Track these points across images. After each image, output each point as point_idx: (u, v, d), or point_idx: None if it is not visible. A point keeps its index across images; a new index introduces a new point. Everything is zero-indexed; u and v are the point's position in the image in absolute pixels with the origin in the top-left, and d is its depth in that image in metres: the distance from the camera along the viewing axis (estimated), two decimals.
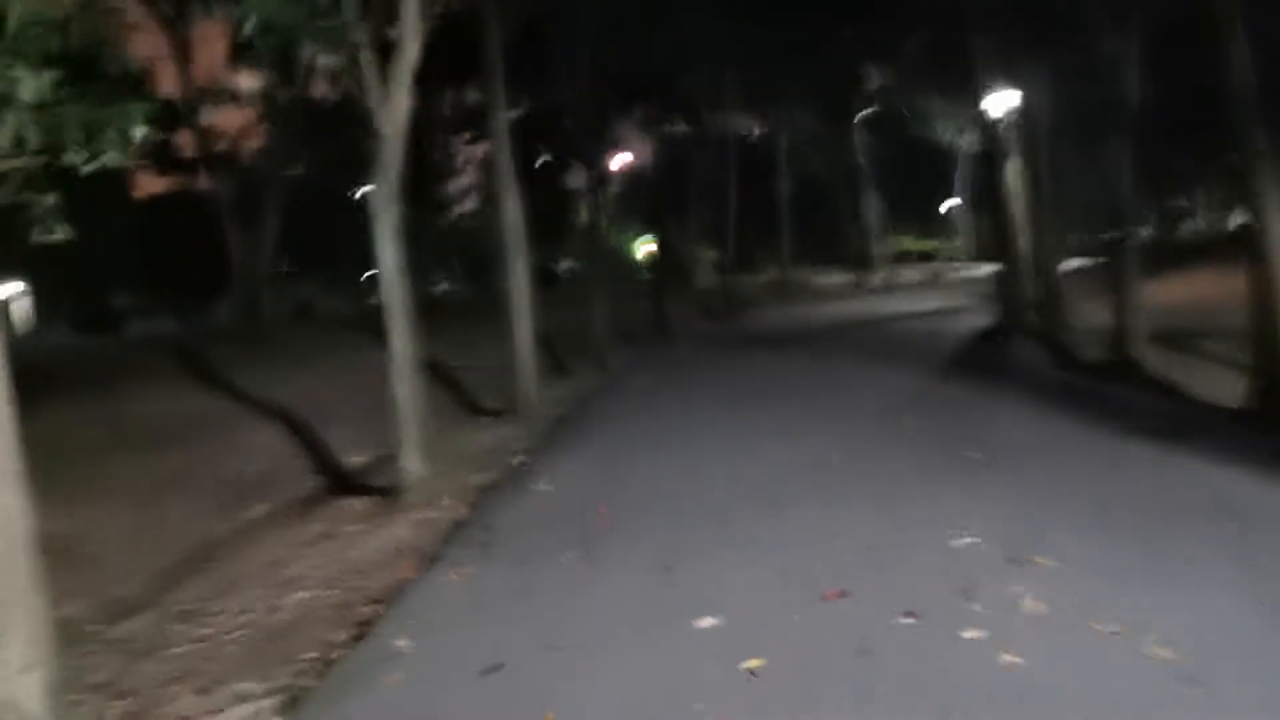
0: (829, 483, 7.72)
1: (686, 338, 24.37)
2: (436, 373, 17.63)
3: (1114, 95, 13.47)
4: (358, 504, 9.57)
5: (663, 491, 8.07)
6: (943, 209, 57.92)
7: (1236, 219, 61.04)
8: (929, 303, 28.90)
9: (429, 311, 31.68)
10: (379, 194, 9.28)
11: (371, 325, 21.85)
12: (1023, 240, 21.66)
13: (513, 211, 14.04)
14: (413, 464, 9.26)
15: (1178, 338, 16.04)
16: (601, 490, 8.46)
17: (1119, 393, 11.12)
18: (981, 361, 15.35)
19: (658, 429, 11.25)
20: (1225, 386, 11.22)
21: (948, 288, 37.84)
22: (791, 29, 32.83)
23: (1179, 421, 9.10)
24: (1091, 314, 18.77)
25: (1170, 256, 33.81)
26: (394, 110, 9.30)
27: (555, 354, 20.68)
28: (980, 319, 22.66)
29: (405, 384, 9.32)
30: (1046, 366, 14.22)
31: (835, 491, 7.43)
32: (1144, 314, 13.24)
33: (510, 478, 9.66)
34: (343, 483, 10.82)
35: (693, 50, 30.55)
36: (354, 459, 12.06)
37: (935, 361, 15.32)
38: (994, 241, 29.99)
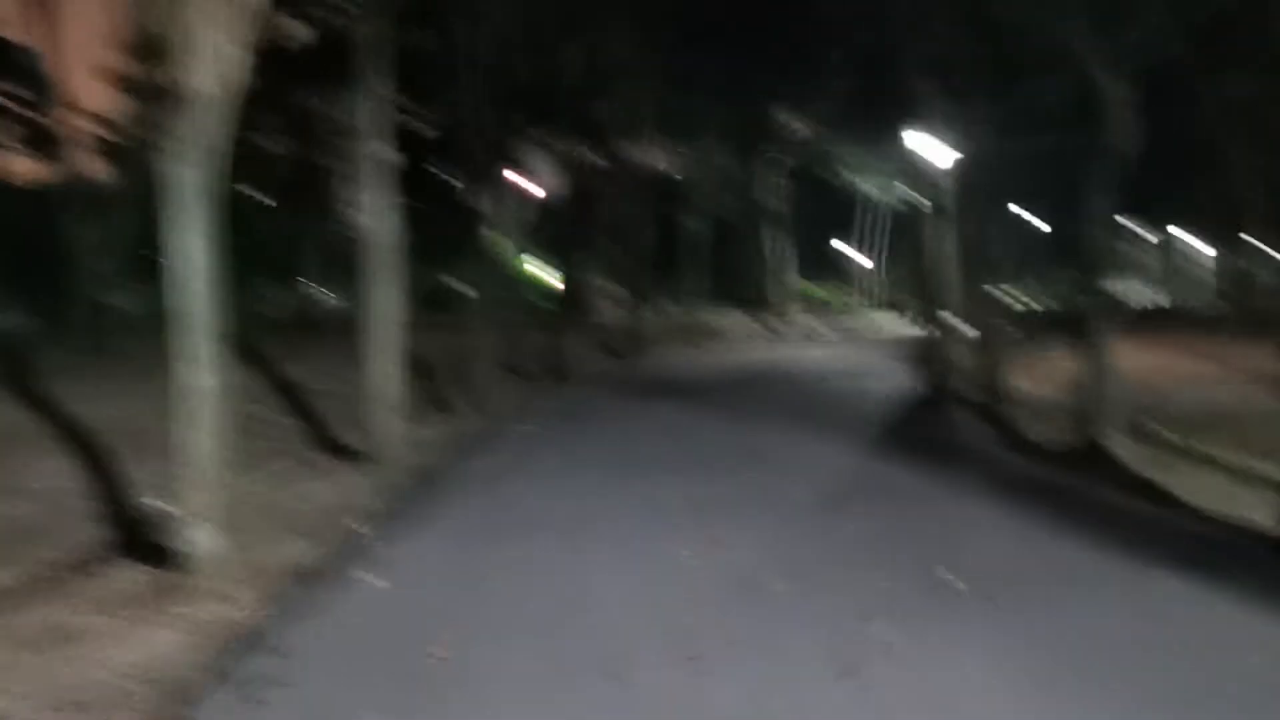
0: (766, 623, 5.51)
1: (584, 378, 22.08)
2: (294, 398, 15.22)
3: (1084, 144, 11.78)
4: (131, 579, 7.14)
5: (532, 613, 5.80)
6: (849, 258, 57.12)
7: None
8: (843, 355, 27.17)
9: (307, 326, 29.19)
10: (188, 173, 6.92)
11: (244, 338, 19.22)
12: (951, 299, 20.14)
13: (385, 221, 11.73)
14: (203, 537, 6.89)
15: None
16: (450, 596, 6.20)
17: (1099, 494, 9.18)
18: (920, 435, 13.42)
19: (536, 503, 8.96)
20: (1213, 490, 9.48)
21: (858, 339, 36.38)
22: (713, 64, 31.34)
23: (1201, 545, 7.14)
24: (1018, 382, 17.14)
25: (1079, 327, 32.87)
26: (225, 70, 7.00)
27: (435, 385, 18.34)
28: (903, 379, 20.96)
29: (201, 429, 6.95)
30: (996, 447, 12.29)
31: (776, 639, 5.23)
32: (1113, 394, 11.40)
33: (338, 559, 7.31)
34: (132, 540, 8.34)
35: (607, 77, 28.78)
36: (157, 507, 9.56)
37: (868, 431, 13.35)
38: (914, 297, 28.33)
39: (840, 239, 53.82)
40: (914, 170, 25.66)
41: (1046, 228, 46.54)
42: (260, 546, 7.84)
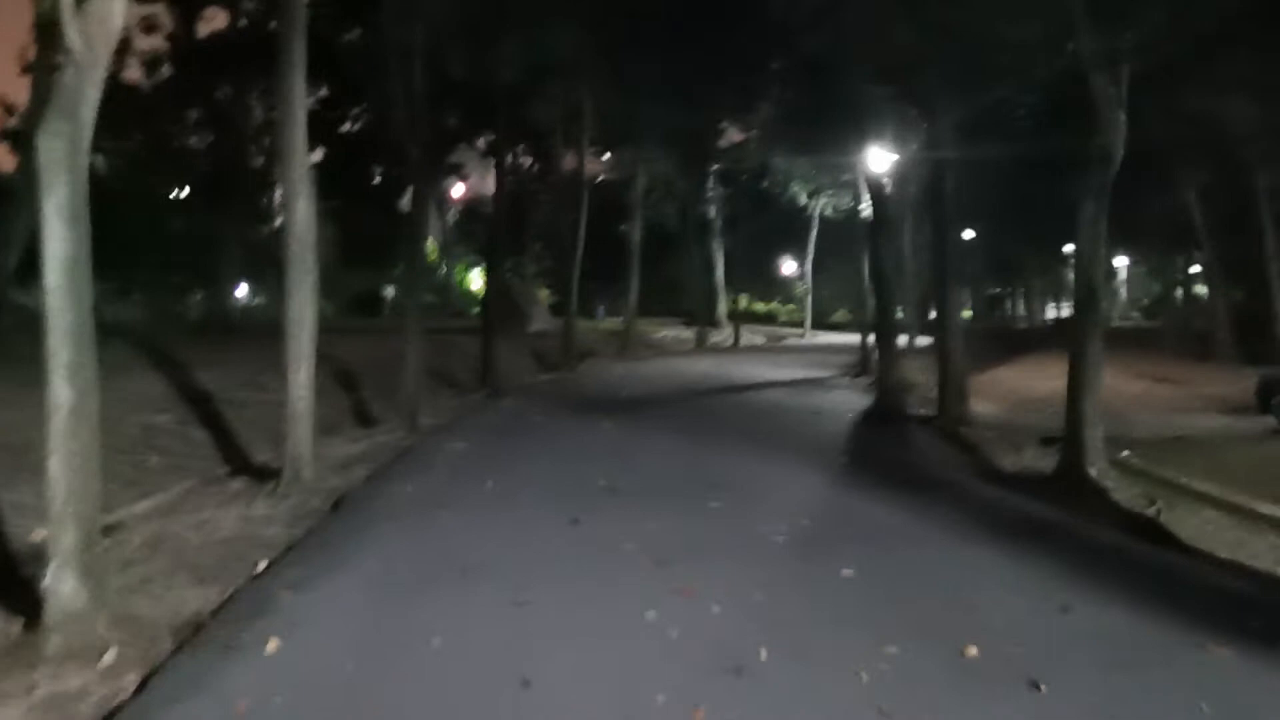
0: (755, 708, 4.43)
1: (519, 390, 20.84)
2: (206, 409, 13.89)
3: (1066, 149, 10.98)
4: None
5: (467, 694, 4.64)
6: (789, 270, 56.52)
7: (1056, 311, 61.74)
8: (786, 370, 26.20)
9: (226, 330, 27.57)
10: (53, 146, 5.71)
11: (158, 342, 17.66)
12: (903, 314, 19.46)
13: (302, 215, 10.50)
14: (65, 587, 5.67)
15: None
16: (367, 670, 5.01)
17: (1104, 537, 8.17)
18: (887, 460, 12.43)
19: (471, 541, 7.74)
20: (1219, 533, 8.69)
21: (797, 354, 35.57)
22: (655, 69, 30.28)
23: (1240, 606, 6.13)
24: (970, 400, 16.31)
25: (1005, 343, 32.43)
26: (95, 19, 5.80)
27: (361, 395, 17.09)
28: (851, 395, 20.09)
29: (62, 452, 5.74)
30: (972, 476, 11.33)
31: None
32: (1101, 418, 10.53)
33: (235, 613, 6.12)
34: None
35: (545, 75, 27.66)
36: (37, 537, 8.28)
37: (829, 454, 12.38)
38: (855, 309, 27.36)
39: (780, 251, 53.15)
40: (861, 180, 24.97)
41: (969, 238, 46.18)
42: (144, 593, 6.64)
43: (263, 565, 7.31)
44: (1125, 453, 12.39)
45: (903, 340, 25.98)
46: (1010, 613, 5.78)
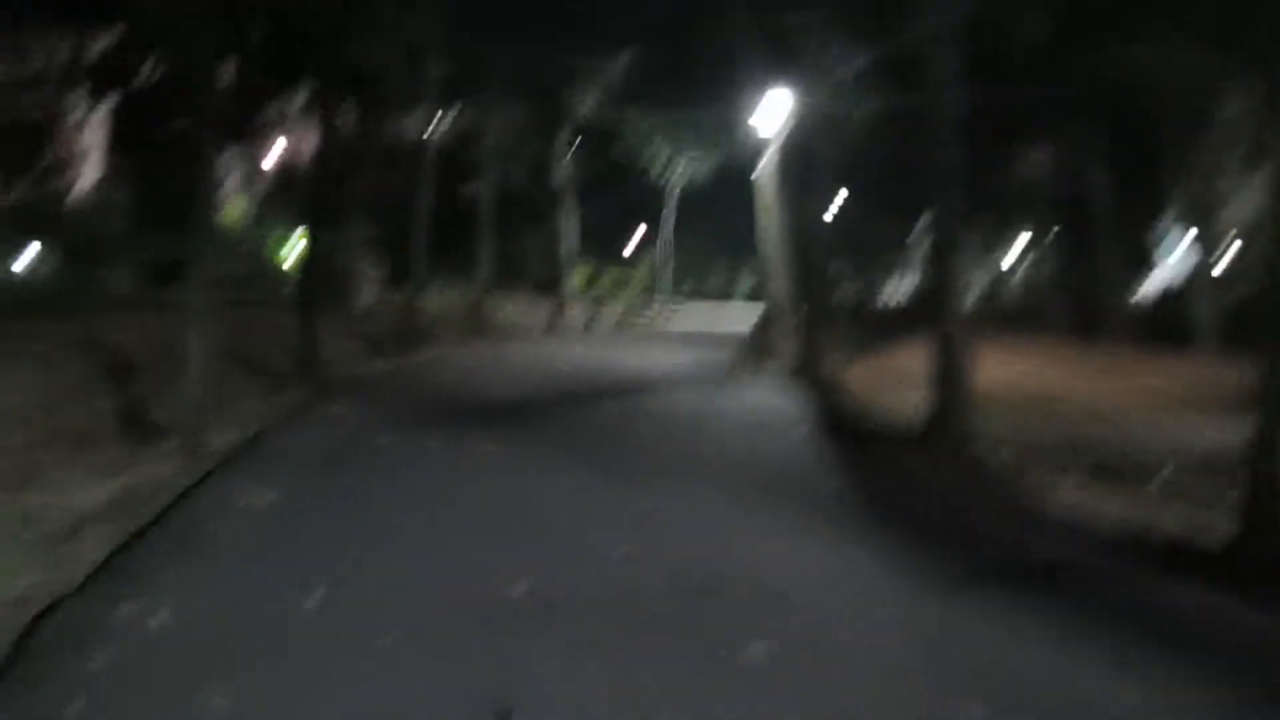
0: None
1: (349, 386, 15.86)
2: None
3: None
4: None
5: None
6: (652, 242, 53.28)
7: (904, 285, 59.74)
8: (672, 355, 22.09)
9: None
10: None
11: None
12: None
13: None
14: None
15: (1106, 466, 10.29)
16: None
17: None
18: (936, 521, 8.22)
19: None
20: None
21: (674, 335, 31.84)
22: (504, 17, 26.33)
23: None
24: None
25: (882, 326, 29.31)
26: None
27: (138, 394, 12.16)
28: (775, 395, 15.98)
29: None
30: (1087, 550, 7.17)
31: None
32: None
33: None
34: None
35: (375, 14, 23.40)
36: None
37: (840, 509, 8.42)
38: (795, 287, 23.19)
39: (633, 219, 49.49)
40: (763, 130, 21.45)
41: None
42: None
43: None
44: None
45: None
46: None
